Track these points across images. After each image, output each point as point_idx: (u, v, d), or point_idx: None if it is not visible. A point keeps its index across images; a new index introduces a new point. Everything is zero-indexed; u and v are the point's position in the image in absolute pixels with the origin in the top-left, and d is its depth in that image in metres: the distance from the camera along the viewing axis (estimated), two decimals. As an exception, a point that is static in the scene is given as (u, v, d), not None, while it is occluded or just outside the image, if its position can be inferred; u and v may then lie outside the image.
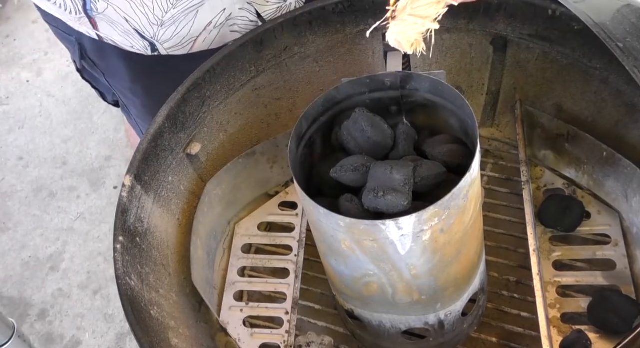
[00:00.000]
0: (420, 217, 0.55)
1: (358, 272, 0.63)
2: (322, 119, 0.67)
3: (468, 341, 0.79)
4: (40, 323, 1.45)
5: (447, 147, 0.65)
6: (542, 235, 0.84)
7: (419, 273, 0.62)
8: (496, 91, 0.93)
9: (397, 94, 0.67)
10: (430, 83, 0.65)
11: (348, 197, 0.61)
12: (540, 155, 0.91)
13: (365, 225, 0.55)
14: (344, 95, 0.67)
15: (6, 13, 2.11)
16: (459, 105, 0.65)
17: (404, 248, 0.57)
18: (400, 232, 0.56)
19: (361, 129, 0.63)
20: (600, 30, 0.69)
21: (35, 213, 1.63)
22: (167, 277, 0.77)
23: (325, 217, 0.57)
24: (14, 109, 1.86)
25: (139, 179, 0.74)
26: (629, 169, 0.78)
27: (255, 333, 0.81)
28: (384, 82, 0.66)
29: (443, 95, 0.66)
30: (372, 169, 0.60)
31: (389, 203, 0.57)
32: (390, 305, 0.67)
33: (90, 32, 0.83)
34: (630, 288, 0.78)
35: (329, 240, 0.61)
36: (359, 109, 0.64)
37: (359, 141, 0.64)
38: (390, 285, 0.63)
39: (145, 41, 0.82)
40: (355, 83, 0.66)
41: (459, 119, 0.66)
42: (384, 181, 0.58)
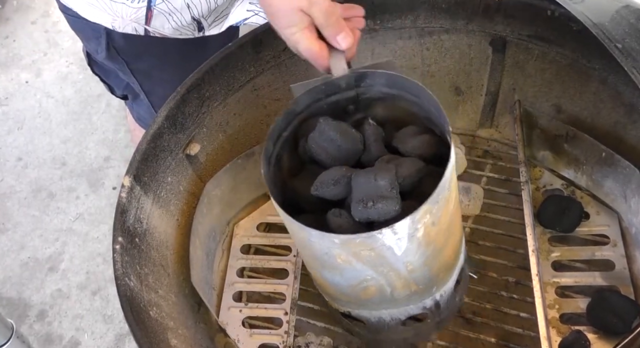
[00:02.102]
0: (414, 218, 0.55)
1: (355, 280, 0.63)
2: (285, 134, 0.66)
3: (467, 342, 0.79)
4: (39, 323, 1.44)
5: (418, 140, 0.64)
6: (541, 235, 0.84)
7: (415, 267, 0.62)
8: (495, 92, 0.93)
9: (353, 94, 0.67)
10: (385, 77, 0.65)
11: (336, 212, 0.60)
12: (539, 156, 0.91)
13: (362, 238, 0.55)
14: (303, 106, 0.66)
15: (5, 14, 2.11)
16: (417, 93, 0.64)
17: (400, 249, 0.58)
18: (396, 237, 0.56)
19: (330, 138, 0.62)
20: (599, 31, 0.69)
21: (34, 213, 1.63)
22: (166, 278, 0.77)
23: (319, 238, 0.56)
24: (13, 109, 1.86)
25: (138, 180, 0.74)
26: (628, 169, 0.78)
27: (254, 334, 0.81)
28: (339, 85, 0.66)
29: (400, 87, 0.65)
30: (354, 179, 0.59)
31: (380, 212, 0.57)
32: (389, 302, 0.67)
33: (137, 28, 0.85)
34: (629, 288, 0.78)
35: (322, 258, 0.60)
36: (323, 119, 0.63)
37: (329, 151, 0.63)
38: (389, 284, 0.63)
39: (194, 22, 0.85)
40: (312, 92, 0.65)
41: (420, 107, 0.66)
42: (369, 190, 0.57)
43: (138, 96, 1.02)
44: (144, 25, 0.84)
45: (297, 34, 0.61)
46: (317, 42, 0.62)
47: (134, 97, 1.05)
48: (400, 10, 0.86)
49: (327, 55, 0.63)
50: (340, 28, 0.62)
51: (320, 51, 0.62)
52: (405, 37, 0.89)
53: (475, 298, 0.82)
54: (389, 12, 0.86)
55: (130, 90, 1.03)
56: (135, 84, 0.98)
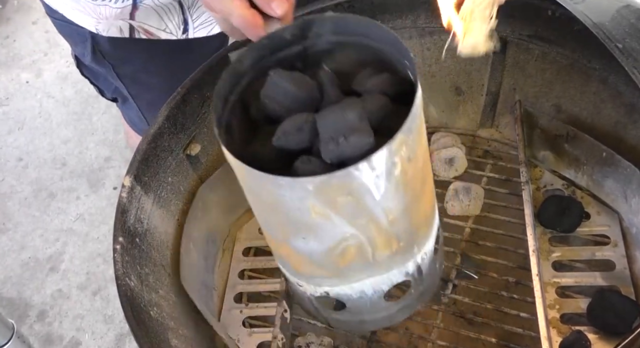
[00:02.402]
0: (391, 148, 0.50)
1: (333, 241, 0.57)
2: (232, 98, 0.60)
3: (467, 342, 0.79)
4: (39, 324, 1.45)
5: (379, 78, 0.60)
6: (542, 235, 0.84)
7: (396, 216, 0.57)
8: (496, 92, 0.93)
9: (300, 48, 0.62)
10: (334, 22, 0.60)
11: (305, 159, 0.54)
12: (539, 156, 0.91)
13: (338, 178, 0.50)
14: (247, 66, 0.60)
15: (6, 14, 2.11)
16: (370, 34, 0.60)
17: (379, 191, 0.53)
18: (374, 173, 0.51)
19: (283, 90, 0.58)
20: (600, 30, 0.69)
21: (34, 214, 1.63)
22: (167, 278, 0.77)
23: (290, 187, 0.50)
24: (14, 109, 1.86)
25: (138, 180, 0.74)
26: (628, 169, 0.78)
27: (254, 333, 0.81)
28: (284, 38, 0.60)
29: (350, 32, 0.60)
30: (319, 119, 0.54)
31: (354, 146, 0.52)
32: (371, 266, 0.62)
33: (122, 27, 0.84)
34: (630, 288, 0.78)
35: (294, 216, 0.54)
36: (273, 71, 0.58)
37: (285, 104, 0.58)
38: (369, 242, 0.58)
39: (182, 16, 0.84)
40: (255, 49, 0.60)
41: (374, 52, 0.61)
42: (338, 126, 0.53)
43: (127, 99, 1.02)
44: (128, 21, 0.83)
45: (228, 3, 0.58)
46: (250, 11, 0.58)
47: (123, 101, 1.04)
48: (400, 10, 0.86)
49: (262, 23, 0.59)
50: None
51: (254, 19, 0.58)
52: (406, 37, 0.89)
53: (476, 299, 0.82)
54: (389, 12, 0.86)
55: (119, 94, 1.03)
56: (122, 88, 0.98)
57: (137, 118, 1.05)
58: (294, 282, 0.67)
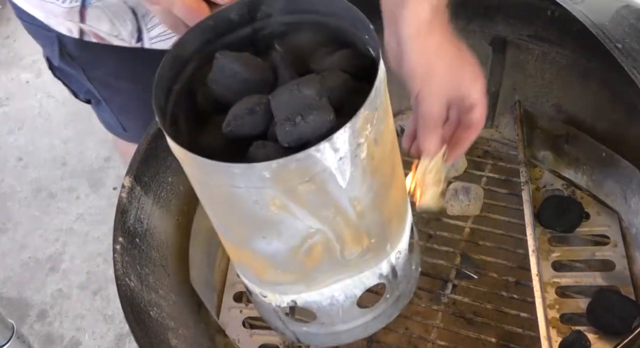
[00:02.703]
0: (354, 126, 0.45)
1: (297, 239, 0.52)
2: (176, 87, 0.54)
3: (467, 342, 0.79)
4: (39, 324, 1.45)
5: (337, 55, 0.55)
6: (541, 235, 0.84)
7: (364, 207, 0.52)
8: (495, 92, 0.93)
9: (249, 31, 0.56)
10: (284, 1, 0.55)
11: (259, 144, 0.49)
12: (539, 156, 0.91)
13: (297, 161, 0.44)
14: (191, 51, 0.54)
15: (6, 14, 2.11)
16: (326, 10, 0.55)
17: (344, 177, 0.48)
18: (337, 156, 0.46)
19: (232, 73, 0.52)
20: (599, 31, 0.69)
21: (34, 214, 1.63)
22: (167, 278, 0.77)
23: (244, 175, 0.45)
24: (14, 109, 1.86)
25: (138, 180, 0.74)
26: (628, 169, 0.78)
27: (254, 334, 0.81)
28: (231, 19, 0.55)
29: (303, 9, 0.55)
30: (273, 98, 0.49)
31: (313, 126, 0.47)
32: (341, 267, 0.56)
33: (72, 28, 0.81)
34: (629, 288, 0.78)
35: (252, 211, 0.49)
36: (220, 53, 0.52)
37: (235, 89, 0.52)
38: (337, 238, 0.53)
39: (136, 24, 0.81)
40: (199, 31, 0.54)
41: (329, 31, 0.56)
42: (294, 104, 0.48)
43: (100, 102, 1.00)
44: (79, 23, 0.81)
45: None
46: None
47: (97, 103, 1.02)
48: (400, 10, 0.86)
49: (208, 10, 0.54)
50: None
51: (199, 6, 0.53)
52: (406, 37, 0.89)
53: (476, 299, 0.82)
54: (389, 13, 0.86)
55: (92, 96, 1.00)
56: (94, 91, 0.96)
57: (112, 121, 1.03)
58: (257, 293, 0.61)
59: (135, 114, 0.98)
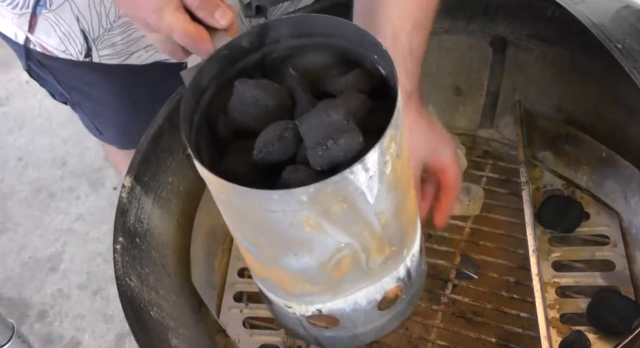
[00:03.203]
0: (382, 145, 0.48)
1: (327, 254, 0.54)
2: (196, 118, 0.56)
3: (467, 342, 0.80)
4: (39, 324, 1.45)
5: (351, 75, 0.56)
6: (541, 235, 0.84)
7: (387, 219, 0.55)
8: (495, 92, 0.93)
9: (259, 57, 0.58)
10: (291, 24, 0.57)
11: (292, 169, 0.51)
12: (539, 156, 0.91)
13: (333, 184, 0.47)
14: (208, 80, 0.57)
15: (6, 14, 2.11)
16: (333, 32, 0.56)
17: (372, 194, 0.50)
18: (367, 175, 0.48)
19: (253, 101, 0.54)
20: (600, 31, 0.69)
21: (34, 214, 1.63)
22: (167, 278, 0.77)
23: (282, 200, 0.47)
24: (14, 109, 1.86)
25: (138, 180, 0.74)
26: (628, 169, 0.78)
27: (254, 334, 0.81)
28: (242, 46, 0.56)
29: (309, 32, 0.57)
30: (301, 125, 0.51)
31: (345, 148, 0.49)
32: (365, 276, 0.59)
33: (18, 33, 0.79)
34: (629, 289, 0.78)
35: (286, 233, 0.51)
36: (239, 82, 0.54)
37: (255, 115, 0.54)
38: (363, 249, 0.55)
39: (85, 44, 0.80)
40: (214, 61, 0.56)
41: (334, 51, 0.58)
42: (324, 129, 0.49)
43: (74, 105, 0.99)
44: (26, 32, 0.79)
45: (169, 17, 0.53)
46: (193, 24, 0.55)
47: (72, 105, 1.01)
48: (400, 10, 0.86)
49: (208, 37, 0.55)
50: (214, 4, 0.55)
51: (199, 33, 0.55)
52: (406, 37, 0.89)
53: (476, 299, 0.82)
54: (390, 13, 0.86)
55: (66, 99, 0.99)
56: (66, 94, 0.95)
57: (87, 122, 1.02)
58: (280, 305, 0.63)
59: (107, 118, 0.98)
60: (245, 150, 0.53)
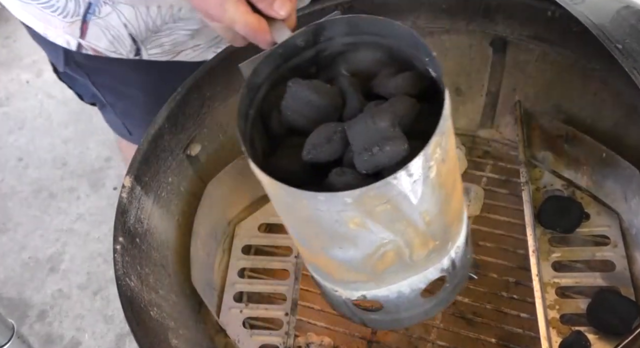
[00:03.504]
0: (427, 153, 0.50)
1: (371, 248, 0.57)
2: (251, 112, 0.59)
3: (467, 342, 0.80)
4: (39, 324, 1.45)
5: (401, 78, 0.58)
6: (541, 236, 0.84)
7: (432, 217, 0.57)
8: (495, 92, 0.93)
9: (312, 54, 0.61)
10: (345, 23, 0.59)
11: (338, 171, 0.54)
12: (539, 156, 0.91)
13: (377, 189, 0.49)
14: (263, 77, 0.59)
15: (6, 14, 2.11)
16: (384, 32, 0.58)
17: (416, 196, 0.52)
18: (411, 180, 0.50)
19: (305, 100, 0.56)
20: (600, 31, 0.69)
21: (35, 214, 1.63)
22: (167, 278, 0.77)
23: (327, 201, 0.50)
24: (14, 109, 1.86)
25: (138, 180, 0.75)
26: (628, 170, 0.78)
27: (254, 335, 0.81)
28: (297, 44, 0.59)
29: (363, 31, 0.60)
30: (349, 129, 0.53)
31: (390, 155, 0.51)
32: (408, 268, 0.61)
33: (70, 41, 0.83)
34: (630, 289, 0.78)
35: (332, 228, 0.54)
36: (292, 81, 0.57)
37: (307, 114, 0.57)
38: (407, 244, 0.57)
39: (134, 45, 0.83)
40: (270, 58, 0.59)
41: (387, 50, 0.60)
42: (370, 135, 0.52)
43: (105, 106, 1.01)
44: (78, 38, 0.82)
45: (231, 11, 0.56)
46: (253, 16, 0.57)
47: (102, 106, 1.03)
48: (400, 10, 0.86)
49: (268, 28, 0.58)
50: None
51: (260, 24, 0.57)
52: (406, 37, 0.89)
53: (476, 299, 0.82)
54: (390, 13, 0.86)
55: (97, 99, 1.02)
56: (99, 95, 0.97)
57: (117, 123, 1.04)
58: (328, 288, 0.67)
59: (139, 119, 0.99)
60: (296, 147, 0.56)
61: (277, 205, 0.58)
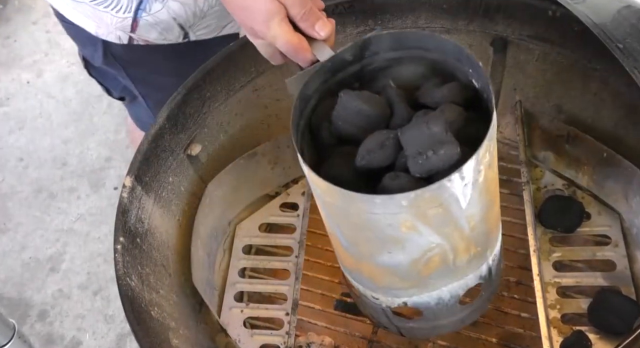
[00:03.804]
0: (478, 156, 0.52)
1: (419, 252, 0.58)
2: (301, 123, 0.62)
3: (468, 342, 0.79)
4: (40, 324, 1.45)
5: (446, 88, 0.61)
6: (542, 235, 0.84)
7: (476, 222, 0.59)
8: (496, 92, 0.93)
9: (357, 68, 0.64)
10: (390, 39, 0.62)
11: (392, 176, 0.56)
12: (540, 156, 0.91)
13: (432, 191, 0.51)
14: (312, 89, 0.62)
15: (6, 14, 2.11)
16: (426, 45, 0.61)
17: (465, 199, 0.54)
18: (463, 183, 0.52)
19: (356, 110, 0.59)
20: (600, 31, 0.69)
21: (35, 214, 1.63)
22: (168, 278, 0.77)
23: (383, 205, 0.52)
24: (14, 109, 1.86)
25: (139, 180, 0.74)
26: (629, 169, 0.78)
27: (255, 334, 0.81)
28: (345, 59, 0.62)
29: (406, 46, 0.62)
30: (402, 134, 0.55)
31: (444, 158, 0.53)
32: (451, 273, 0.63)
33: (122, 36, 0.86)
34: (630, 289, 0.78)
35: (384, 232, 0.56)
36: (343, 92, 0.59)
37: (358, 123, 0.60)
38: (452, 249, 0.59)
39: (182, 31, 0.87)
40: (321, 72, 0.62)
41: (429, 64, 0.63)
42: (424, 140, 0.54)
43: (136, 98, 1.03)
44: (128, 33, 0.85)
45: (275, 28, 0.59)
46: (295, 35, 0.60)
47: (132, 99, 1.06)
48: (401, 10, 0.86)
49: (309, 47, 0.61)
50: (316, 16, 0.60)
51: (300, 42, 0.60)
52: (406, 37, 0.89)
53: (477, 299, 0.82)
54: (390, 13, 0.86)
55: (128, 93, 1.04)
56: (132, 87, 0.98)
57: (146, 116, 1.05)
58: (367, 296, 0.69)
59: None
60: (347, 155, 0.59)
61: (328, 212, 0.60)
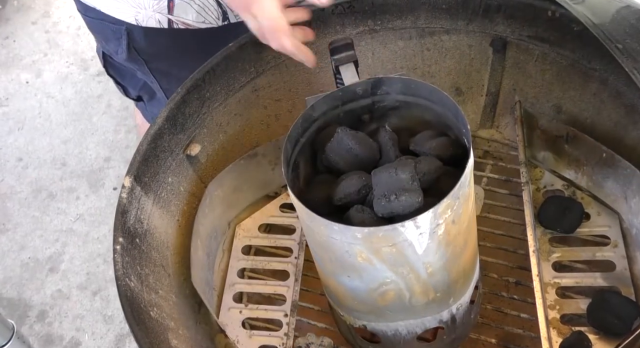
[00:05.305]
0: (436, 211, 0.55)
1: (374, 283, 0.63)
2: (302, 140, 0.67)
3: (467, 342, 0.79)
4: (39, 324, 1.44)
5: (436, 142, 0.65)
6: (542, 236, 0.84)
7: (435, 270, 0.62)
8: (495, 92, 0.93)
9: (369, 102, 0.68)
10: (402, 83, 0.66)
11: (359, 208, 0.61)
12: (539, 157, 0.91)
13: (385, 231, 0.55)
14: (319, 113, 0.67)
15: (6, 14, 2.11)
16: (433, 98, 0.65)
17: (421, 247, 0.58)
18: (418, 231, 0.56)
19: (347, 147, 0.64)
20: (600, 31, 0.69)
21: (34, 214, 1.63)
22: (167, 278, 0.77)
23: (340, 232, 0.57)
24: (14, 110, 1.86)
25: (138, 180, 0.74)
26: (628, 170, 0.78)
27: (254, 335, 0.81)
28: (356, 92, 0.67)
29: (416, 93, 0.67)
30: (374, 176, 0.60)
31: (404, 205, 0.57)
32: (407, 310, 0.67)
33: (161, 19, 0.87)
34: (630, 289, 0.78)
35: (342, 257, 0.60)
36: (341, 129, 0.64)
37: (346, 159, 0.65)
38: (407, 288, 0.63)
39: (220, 9, 0.88)
40: (329, 98, 0.66)
41: (435, 113, 0.67)
42: (391, 184, 0.58)
43: (154, 96, 1.03)
44: (167, 15, 0.86)
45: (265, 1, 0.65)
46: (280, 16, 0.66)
47: (150, 97, 1.06)
48: (400, 10, 0.86)
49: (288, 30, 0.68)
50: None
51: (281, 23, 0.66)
52: (406, 37, 0.89)
53: (476, 299, 0.81)
54: (390, 13, 0.86)
55: (147, 90, 1.04)
56: (154, 83, 0.99)
57: None
58: (336, 311, 0.74)
59: None
60: (328, 183, 0.65)
61: (303, 227, 0.66)
